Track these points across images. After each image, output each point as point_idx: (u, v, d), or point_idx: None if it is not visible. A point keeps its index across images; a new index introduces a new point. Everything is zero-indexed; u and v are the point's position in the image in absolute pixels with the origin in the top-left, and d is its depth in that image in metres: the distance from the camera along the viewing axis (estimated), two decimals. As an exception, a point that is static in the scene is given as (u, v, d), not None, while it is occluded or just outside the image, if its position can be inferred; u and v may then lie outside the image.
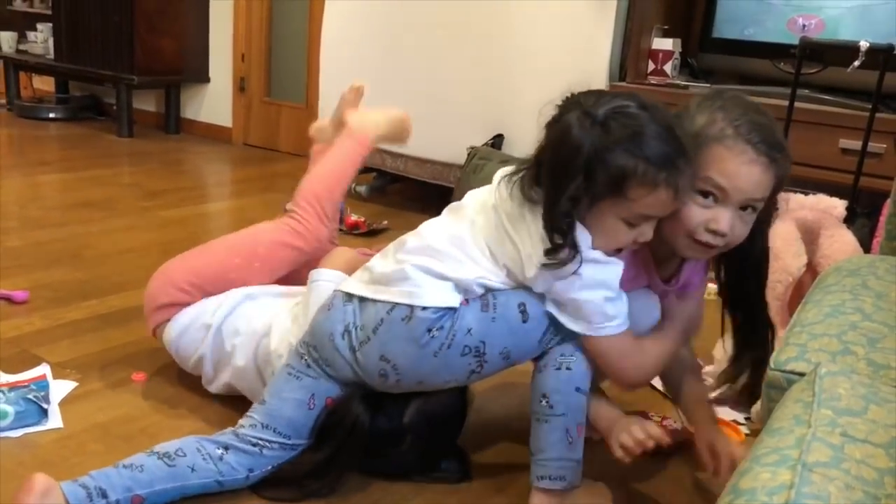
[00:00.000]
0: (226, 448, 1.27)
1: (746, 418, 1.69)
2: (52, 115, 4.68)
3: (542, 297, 1.23)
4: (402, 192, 3.41)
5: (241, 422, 1.31)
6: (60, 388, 1.56)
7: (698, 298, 1.45)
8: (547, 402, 1.23)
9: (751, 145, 1.18)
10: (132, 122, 4.35)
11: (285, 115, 4.29)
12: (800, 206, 1.91)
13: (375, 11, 3.21)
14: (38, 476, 1.17)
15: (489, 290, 1.24)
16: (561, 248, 1.15)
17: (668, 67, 2.78)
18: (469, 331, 1.22)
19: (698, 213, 1.21)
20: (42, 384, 1.50)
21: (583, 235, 1.18)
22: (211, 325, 1.51)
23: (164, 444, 1.26)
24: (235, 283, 1.58)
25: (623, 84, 2.68)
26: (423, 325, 1.21)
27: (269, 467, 1.28)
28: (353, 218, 2.89)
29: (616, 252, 1.22)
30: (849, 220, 1.94)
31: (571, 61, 2.72)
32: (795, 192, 2.00)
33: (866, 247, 1.95)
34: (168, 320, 1.57)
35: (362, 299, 1.27)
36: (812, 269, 1.85)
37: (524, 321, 1.22)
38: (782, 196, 1.94)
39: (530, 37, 2.83)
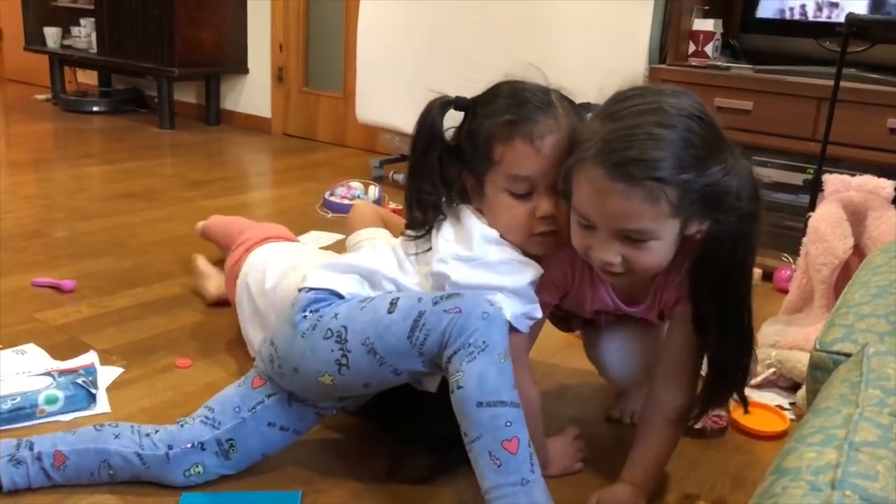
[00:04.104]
0: (157, 430, 1.27)
1: (791, 403, 1.66)
2: (95, 109, 4.76)
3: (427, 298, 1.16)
4: (440, 180, 3.41)
5: None
6: (107, 374, 1.59)
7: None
8: (463, 431, 1.11)
9: (605, 168, 1.03)
10: (173, 114, 4.41)
11: (323, 105, 4.31)
12: (846, 186, 1.87)
13: (412, -2, 3.21)
14: None
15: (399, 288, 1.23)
16: (419, 224, 1.24)
17: (709, 49, 2.73)
18: (335, 315, 1.19)
19: (581, 238, 1.12)
20: (90, 370, 1.54)
21: (486, 232, 1.20)
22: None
23: None
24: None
25: (663, 66, 2.65)
26: (300, 305, 1.22)
27: (189, 445, 1.24)
28: (392, 206, 2.90)
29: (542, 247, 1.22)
30: (897, 201, 1.90)
31: (611, 44, 2.69)
32: (841, 172, 1.95)
33: (916, 228, 1.90)
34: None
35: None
36: (859, 251, 1.81)
37: (389, 311, 1.15)
38: (825, 177, 1.91)
39: (569, 20, 2.80)
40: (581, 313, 1.35)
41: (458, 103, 1.25)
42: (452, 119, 1.26)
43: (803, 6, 2.61)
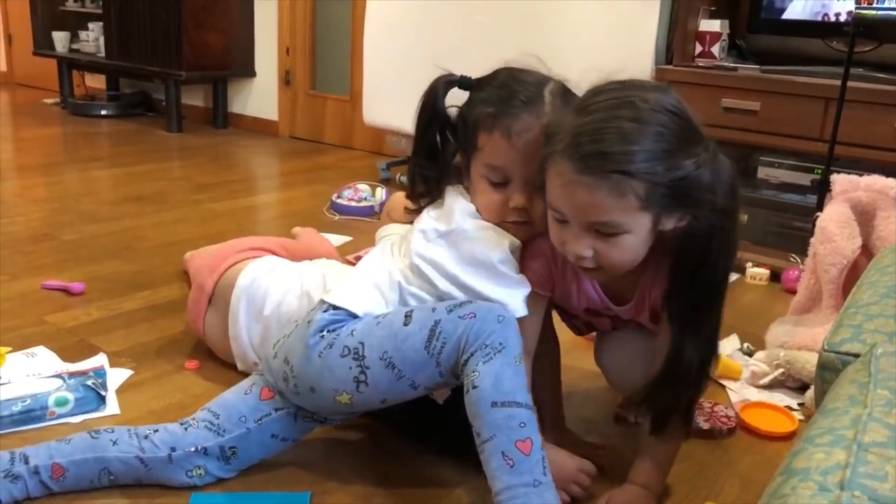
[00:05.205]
0: (156, 430, 1.26)
1: (800, 404, 1.66)
2: (103, 112, 4.79)
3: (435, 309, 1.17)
4: (447, 182, 3.41)
5: None
6: (117, 376, 1.60)
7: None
8: (475, 432, 1.12)
9: (572, 162, 1.03)
10: (181, 118, 4.43)
11: (330, 108, 4.32)
12: (854, 187, 1.87)
13: (417, 1, 3.21)
14: None
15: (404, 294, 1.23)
16: (420, 198, 1.28)
17: (715, 49, 2.73)
18: (352, 332, 1.19)
19: (556, 232, 1.12)
20: (100, 372, 1.55)
21: (465, 207, 1.24)
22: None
23: None
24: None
25: (670, 67, 2.64)
26: (317, 325, 1.21)
27: (192, 449, 1.24)
28: (399, 207, 2.91)
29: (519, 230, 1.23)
30: (906, 201, 1.89)
31: (617, 45, 2.69)
32: (849, 173, 1.95)
33: (924, 228, 1.90)
34: (246, 259, 1.64)
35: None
36: (868, 252, 1.80)
37: (405, 324, 1.16)
38: (833, 178, 1.91)
39: (575, 21, 2.80)
40: (571, 309, 1.34)
41: (462, 83, 1.28)
42: (460, 98, 1.30)
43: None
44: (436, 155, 1.28)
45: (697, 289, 1.13)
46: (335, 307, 1.23)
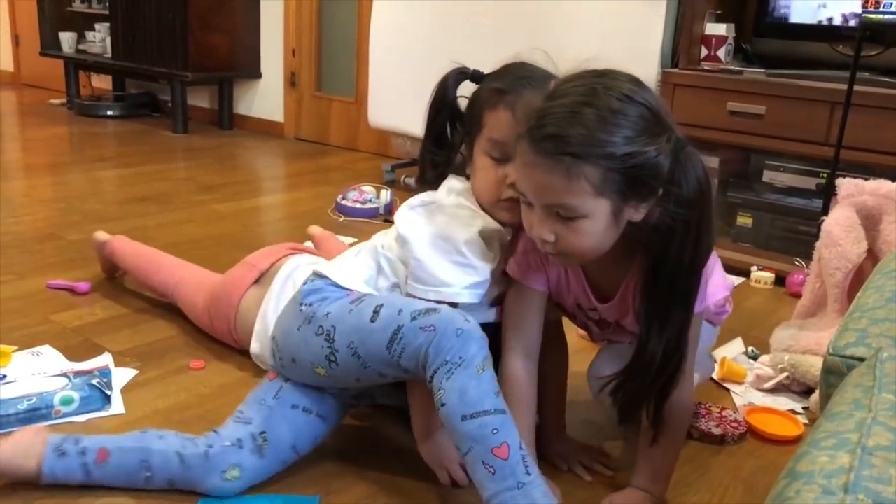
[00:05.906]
0: (196, 437, 1.30)
1: (804, 408, 1.66)
2: (109, 113, 4.80)
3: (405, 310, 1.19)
4: (452, 184, 3.41)
5: None
6: (122, 376, 1.61)
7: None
8: (455, 446, 1.15)
9: (530, 144, 1.04)
10: (187, 119, 4.44)
11: (336, 109, 4.33)
12: (859, 191, 1.86)
13: (423, 3, 3.22)
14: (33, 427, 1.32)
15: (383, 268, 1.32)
16: (429, 183, 1.33)
17: (721, 53, 2.73)
18: (328, 314, 1.25)
19: (525, 215, 1.13)
20: (105, 372, 1.56)
21: (453, 184, 1.30)
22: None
23: None
24: None
25: (675, 70, 2.64)
26: (300, 297, 1.31)
27: (228, 443, 1.25)
28: (404, 209, 2.91)
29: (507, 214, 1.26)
30: (912, 206, 1.88)
31: (623, 48, 2.69)
32: (855, 177, 1.95)
33: (930, 233, 1.89)
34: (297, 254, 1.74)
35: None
36: (873, 256, 1.80)
37: (372, 320, 1.20)
38: (838, 182, 1.91)
39: (581, 24, 2.80)
40: (564, 304, 1.34)
41: (474, 76, 1.33)
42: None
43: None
44: (444, 142, 1.35)
45: (662, 283, 1.11)
46: (316, 276, 1.32)
